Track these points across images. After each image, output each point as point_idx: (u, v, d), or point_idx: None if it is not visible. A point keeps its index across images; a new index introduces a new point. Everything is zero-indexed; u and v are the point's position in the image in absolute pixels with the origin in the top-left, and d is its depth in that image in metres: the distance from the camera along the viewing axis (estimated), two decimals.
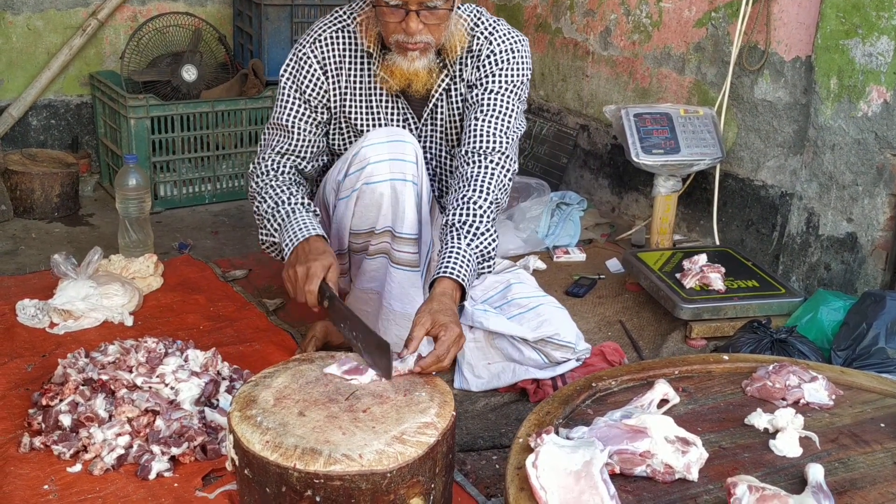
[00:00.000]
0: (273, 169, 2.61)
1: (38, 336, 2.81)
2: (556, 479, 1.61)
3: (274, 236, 2.51)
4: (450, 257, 2.26)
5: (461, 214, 2.37)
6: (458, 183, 2.47)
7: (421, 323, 2.04)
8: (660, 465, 1.72)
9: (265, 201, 2.54)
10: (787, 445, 1.83)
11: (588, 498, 1.57)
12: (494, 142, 2.50)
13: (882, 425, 1.95)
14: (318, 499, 1.64)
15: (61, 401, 2.26)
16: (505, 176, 2.49)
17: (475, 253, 2.31)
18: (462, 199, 2.40)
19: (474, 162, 2.48)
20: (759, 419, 1.92)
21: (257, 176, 2.62)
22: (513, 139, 2.56)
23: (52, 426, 2.21)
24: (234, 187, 4.38)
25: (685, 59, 3.85)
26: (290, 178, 2.61)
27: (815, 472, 1.68)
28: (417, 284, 2.52)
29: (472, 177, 2.45)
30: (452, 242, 2.30)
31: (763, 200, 3.56)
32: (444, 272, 2.23)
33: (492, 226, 2.39)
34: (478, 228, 2.35)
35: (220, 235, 3.94)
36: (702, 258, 3.15)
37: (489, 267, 2.41)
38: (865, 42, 2.98)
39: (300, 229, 2.38)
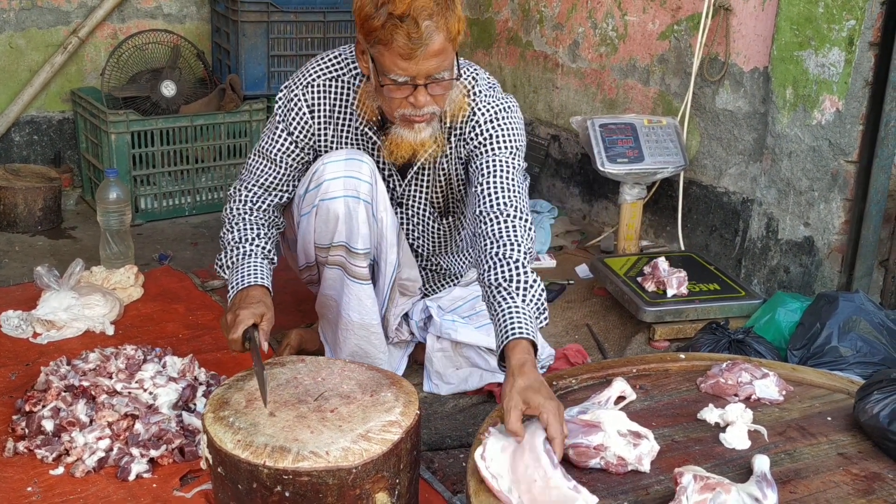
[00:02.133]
0: (251, 201, 2.62)
1: (22, 346, 2.87)
2: (504, 464, 1.71)
3: (225, 271, 2.54)
4: (511, 319, 2.07)
5: (504, 273, 2.20)
6: (483, 242, 2.32)
7: (513, 407, 1.82)
8: (613, 458, 1.80)
9: (231, 232, 2.56)
10: (736, 438, 1.92)
11: (533, 471, 1.66)
12: (507, 198, 2.38)
13: (829, 419, 2.04)
14: (287, 494, 1.72)
15: (44, 406, 2.33)
16: (526, 227, 2.35)
17: (532, 308, 2.14)
18: (496, 256, 2.25)
19: (492, 220, 2.33)
20: (710, 414, 2.01)
21: (234, 202, 2.63)
22: (522, 194, 2.44)
23: (35, 431, 2.28)
24: (214, 199, 4.44)
25: (650, 71, 3.95)
26: (265, 219, 2.61)
27: (761, 462, 1.76)
28: (372, 296, 2.57)
29: (497, 234, 2.30)
30: (507, 303, 2.11)
31: (726, 206, 3.67)
32: (513, 335, 2.02)
33: (534, 275, 2.23)
34: (525, 282, 2.17)
35: (199, 246, 4.00)
36: (662, 262, 3.24)
37: (546, 317, 2.23)
38: (818, 53, 3.09)
39: (245, 276, 2.41)
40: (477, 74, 2.54)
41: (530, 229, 2.36)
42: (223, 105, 4.33)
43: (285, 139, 2.59)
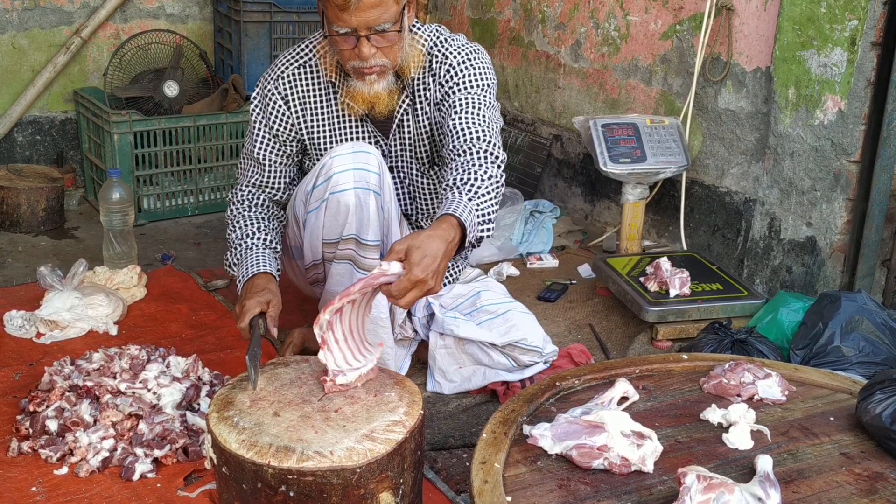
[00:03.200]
0: (248, 199, 2.78)
1: (26, 346, 2.88)
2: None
3: (233, 268, 2.68)
4: (450, 205, 2.17)
5: (462, 177, 2.31)
6: (455, 165, 2.40)
7: (395, 251, 1.96)
8: (616, 458, 1.80)
9: (234, 231, 2.72)
10: (739, 438, 1.92)
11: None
12: (477, 133, 2.48)
13: (832, 419, 2.04)
14: (291, 494, 1.72)
15: (48, 407, 2.33)
16: (498, 164, 2.42)
17: (475, 208, 2.21)
18: (462, 167, 2.35)
19: (463, 153, 2.43)
20: (713, 414, 2.00)
21: (234, 204, 2.80)
22: (494, 130, 2.53)
23: (39, 431, 2.28)
24: (216, 199, 4.46)
25: (652, 71, 3.95)
26: (264, 212, 2.76)
27: (764, 462, 1.76)
28: None
29: (468, 161, 2.39)
30: (452, 197, 2.22)
31: (728, 206, 3.67)
32: (445, 211, 2.14)
33: (492, 197, 2.30)
34: (478, 189, 2.27)
35: (202, 246, 4.01)
36: (665, 262, 3.24)
37: (488, 231, 2.29)
38: (820, 53, 3.09)
39: (249, 266, 2.58)
40: (439, 28, 2.71)
41: (500, 169, 2.42)
42: (226, 105, 4.34)
43: (265, 137, 2.74)
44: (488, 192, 2.29)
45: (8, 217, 4.06)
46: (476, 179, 2.30)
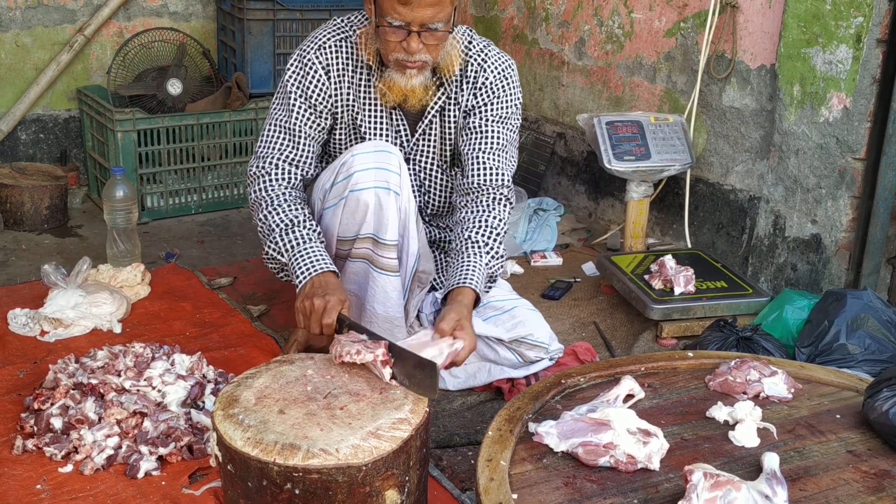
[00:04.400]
0: (284, 178, 2.62)
1: (30, 344, 2.87)
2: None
3: (283, 256, 2.50)
4: (472, 271, 2.43)
5: (483, 234, 2.54)
6: (476, 208, 2.62)
7: (450, 318, 2.23)
8: (622, 456, 1.80)
9: (277, 214, 2.54)
10: (745, 436, 1.92)
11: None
12: (501, 175, 2.65)
13: (838, 416, 2.03)
14: (297, 491, 1.72)
15: (52, 404, 2.33)
16: (510, 210, 2.67)
17: (489, 272, 2.50)
18: (484, 221, 2.57)
19: (488, 193, 2.62)
20: (719, 412, 2.00)
21: (266, 181, 2.61)
22: (512, 172, 2.71)
23: (43, 429, 2.28)
24: (220, 198, 4.45)
25: (656, 68, 3.95)
26: (300, 196, 2.63)
27: (770, 460, 1.76)
28: (399, 288, 2.59)
29: (488, 206, 2.61)
30: (474, 258, 2.47)
31: (732, 204, 3.66)
32: (468, 283, 2.40)
33: (504, 253, 2.58)
34: (496, 251, 2.53)
35: (205, 245, 4.01)
36: (669, 260, 3.24)
37: (489, 289, 2.60)
38: (825, 50, 3.08)
39: (316, 261, 2.42)
40: (472, 31, 2.73)
41: (510, 209, 2.67)
42: (229, 103, 4.34)
43: (302, 106, 2.67)
44: (500, 246, 2.57)
45: (12, 215, 4.06)
46: (492, 239, 2.55)
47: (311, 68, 2.64)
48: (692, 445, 1.90)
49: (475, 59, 2.67)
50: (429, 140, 2.75)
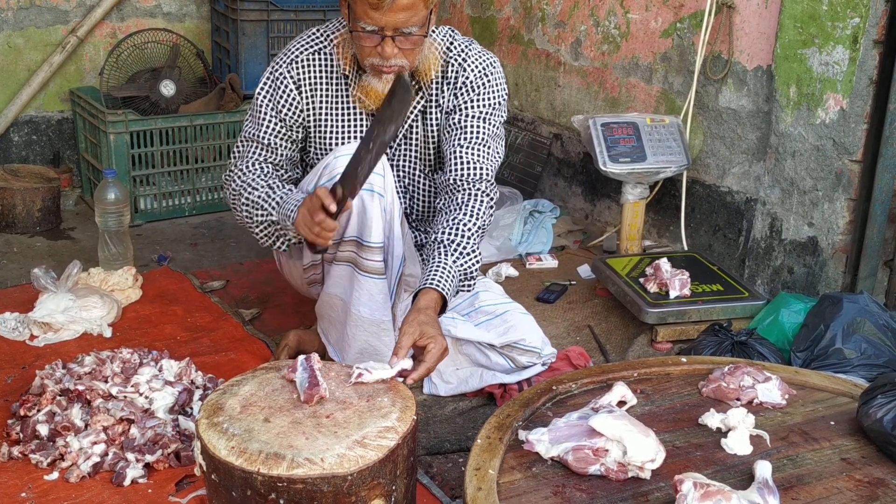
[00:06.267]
0: (254, 168, 2.65)
1: (19, 348, 2.85)
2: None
3: (272, 214, 2.53)
4: (435, 271, 2.36)
5: (450, 234, 2.46)
6: (449, 206, 2.57)
7: (409, 333, 2.14)
8: (613, 464, 1.78)
9: (255, 190, 2.57)
10: (737, 444, 1.90)
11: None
12: (481, 169, 2.59)
13: (832, 423, 2.02)
14: (281, 501, 1.70)
15: (39, 411, 2.31)
16: (490, 204, 2.59)
17: (459, 270, 2.41)
18: (453, 221, 2.50)
19: (464, 189, 2.57)
20: (712, 419, 1.99)
21: (237, 177, 2.65)
22: (495, 166, 2.66)
23: (29, 436, 2.27)
24: (213, 200, 4.43)
25: (652, 69, 3.92)
26: (278, 178, 2.66)
27: (762, 468, 1.74)
28: (385, 291, 2.57)
29: (462, 202, 2.55)
30: (439, 258, 2.40)
31: (729, 206, 3.64)
32: (430, 284, 2.32)
33: (477, 248, 2.50)
34: (464, 248, 2.44)
35: (199, 247, 3.99)
36: (665, 263, 3.21)
37: (469, 286, 2.50)
38: (822, 51, 3.06)
39: (302, 196, 2.42)
40: (454, 33, 2.69)
41: (492, 207, 2.61)
42: (223, 104, 4.32)
43: (272, 120, 2.68)
44: (470, 242, 2.48)
45: (3, 217, 4.04)
46: (462, 236, 2.47)
47: (281, 83, 2.65)
48: (684, 453, 1.89)
49: (455, 60, 2.65)
50: (411, 144, 2.73)
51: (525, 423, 1.95)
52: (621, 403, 2.02)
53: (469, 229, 2.49)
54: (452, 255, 2.42)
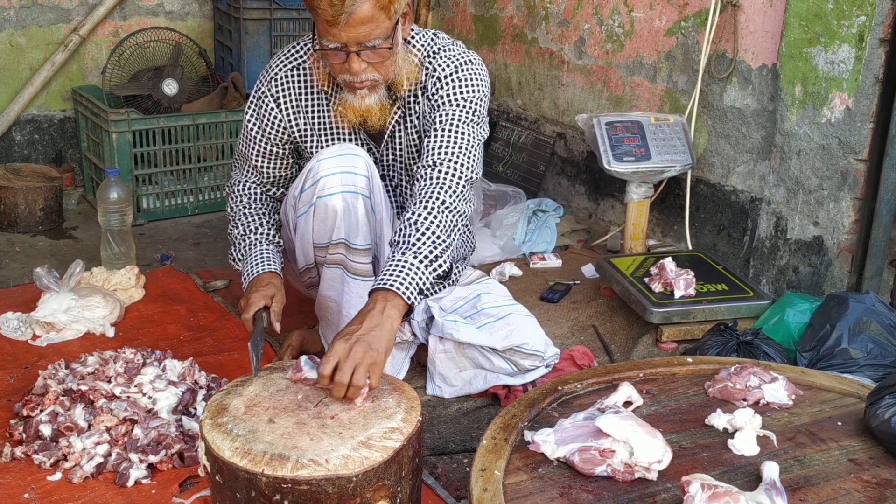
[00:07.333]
0: (247, 195, 2.78)
1: (21, 348, 2.85)
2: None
3: (237, 264, 2.73)
4: (387, 268, 2.24)
5: (401, 231, 2.35)
6: (411, 205, 2.44)
7: (334, 354, 1.95)
8: (619, 465, 1.77)
9: (237, 227, 2.74)
10: (744, 444, 1.89)
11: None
12: (444, 152, 2.49)
13: (839, 424, 2.00)
14: (286, 502, 1.69)
15: (41, 411, 2.30)
16: (454, 180, 2.45)
17: (417, 259, 2.26)
18: (407, 219, 2.37)
19: (422, 177, 2.48)
20: (718, 419, 1.97)
21: (232, 200, 2.81)
22: (463, 145, 2.51)
23: (32, 436, 2.26)
24: (216, 199, 4.42)
25: (656, 68, 3.91)
26: (264, 207, 2.78)
27: (770, 469, 1.73)
28: None
29: (418, 192, 2.45)
30: (394, 257, 2.28)
31: (734, 205, 3.63)
32: (378, 284, 2.19)
33: (434, 226, 2.35)
34: (412, 235, 2.31)
35: (201, 246, 3.98)
36: (669, 263, 3.20)
37: (441, 264, 2.34)
38: (827, 50, 3.04)
39: (257, 264, 2.60)
40: (435, 35, 2.65)
41: (462, 182, 2.47)
42: (225, 103, 4.31)
43: (259, 139, 2.72)
44: (428, 230, 2.33)
45: (6, 217, 4.03)
46: (411, 226, 2.34)
47: (263, 102, 2.67)
48: (690, 454, 1.87)
49: (429, 66, 2.59)
50: (394, 153, 2.72)
51: (531, 424, 1.93)
52: (627, 404, 2.01)
53: (416, 220, 2.34)
54: (401, 248, 2.29)
